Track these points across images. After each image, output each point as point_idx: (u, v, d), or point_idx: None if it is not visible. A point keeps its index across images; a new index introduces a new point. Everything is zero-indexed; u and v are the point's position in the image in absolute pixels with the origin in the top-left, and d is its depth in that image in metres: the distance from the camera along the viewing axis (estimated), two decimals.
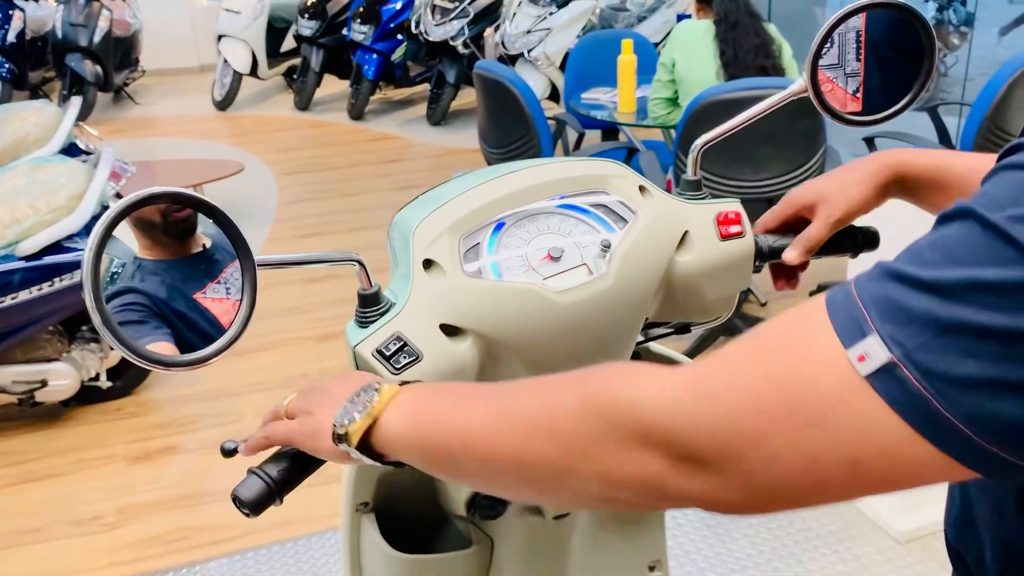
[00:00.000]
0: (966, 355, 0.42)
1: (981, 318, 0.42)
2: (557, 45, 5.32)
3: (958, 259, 0.44)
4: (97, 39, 6.59)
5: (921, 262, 0.45)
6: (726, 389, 0.49)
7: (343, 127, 6.60)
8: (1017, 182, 0.44)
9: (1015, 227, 0.42)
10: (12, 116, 3.17)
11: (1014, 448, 0.43)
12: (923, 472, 0.45)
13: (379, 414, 0.66)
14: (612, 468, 0.53)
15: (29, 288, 2.53)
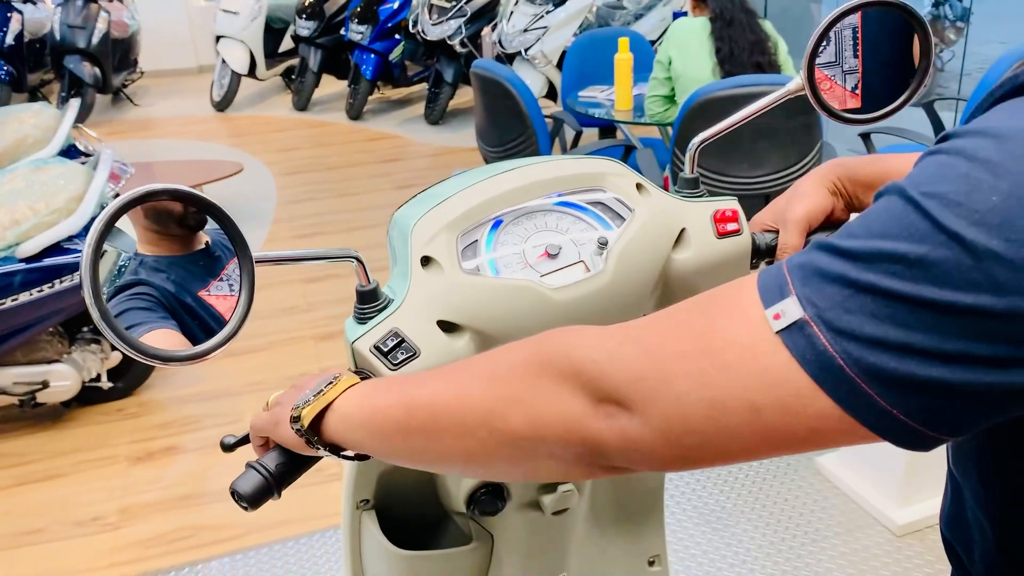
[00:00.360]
0: (873, 317, 0.45)
1: (891, 283, 0.44)
2: (554, 43, 5.32)
3: (876, 231, 0.46)
4: (95, 41, 6.59)
5: (847, 234, 0.48)
6: (649, 335, 0.52)
7: (342, 127, 6.61)
8: (936, 163, 0.47)
9: (928, 201, 0.45)
10: (11, 118, 3.18)
11: (915, 411, 0.45)
12: (824, 429, 0.47)
13: (333, 399, 0.68)
14: (540, 411, 0.55)
15: (29, 290, 2.53)
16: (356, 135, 6.39)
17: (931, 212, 0.45)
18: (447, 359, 0.80)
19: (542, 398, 0.55)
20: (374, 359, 0.78)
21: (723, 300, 0.51)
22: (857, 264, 0.46)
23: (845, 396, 0.45)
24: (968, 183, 0.44)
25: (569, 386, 0.54)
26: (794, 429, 0.47)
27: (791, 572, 2.11)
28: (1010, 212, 0.43)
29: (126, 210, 0.66)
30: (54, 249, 2.56)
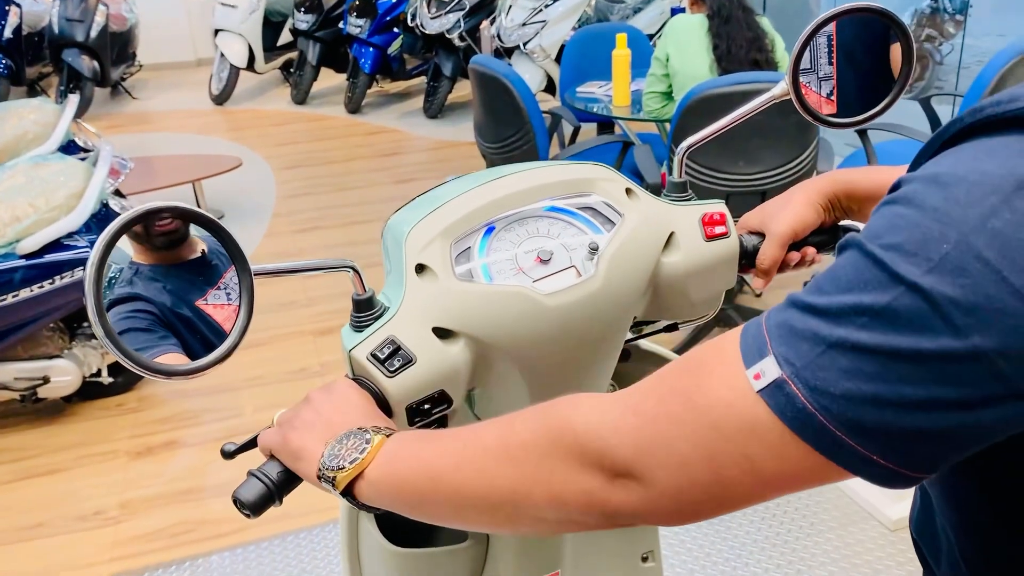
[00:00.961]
0: (846, 373, 0.47)
1: (860, 337, 0.47)
2: (553, 37, 5.33)
3: (842, 286, 0.49)
4: (94, 34, 6.59)
5: (817, 290, 0.50)
6: (646, 403, 0.55)
7: (340, 121, 6.61)
8: (890, 214, 0.49)
9: (886, 254, 0.47)
10: (11, 114, 3.18)
11: (896, 455, 0.48)
12: (813, 475, 0.50)
13: (367, 466, 0.69)
14: (560, 489, 0.58)
15: (30, 286, 2.55)
16: (355, 129, 6.39)
17: (889, 264, 0.47)
18: (443, 365, 0.82)
19: (560, 477, 0.58)
20: (371, 367, 0.80)
21: (709, 361, 0.54)
22: (827, 320, 0.48)
23: (828, 447, 0.48)
24: (920, 232, 0.47)
25: (582, 464, 0.57)
26: (786, 475, 0.50)
27: (785, 566, 2.13)
28: (961, 259, 0.45)
29: (127, 228, 0.67)
30: (54, 246, 2.57)
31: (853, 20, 0.90)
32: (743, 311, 3.11)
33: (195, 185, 4.49)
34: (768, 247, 0.94)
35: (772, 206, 0.96)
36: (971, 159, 0.48)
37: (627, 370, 1.12)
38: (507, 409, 0.93)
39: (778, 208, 0.95)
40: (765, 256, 0.94)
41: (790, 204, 0.94)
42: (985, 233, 0.45)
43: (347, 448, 0.70)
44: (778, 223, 0.93)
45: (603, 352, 0.92)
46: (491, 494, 0.62)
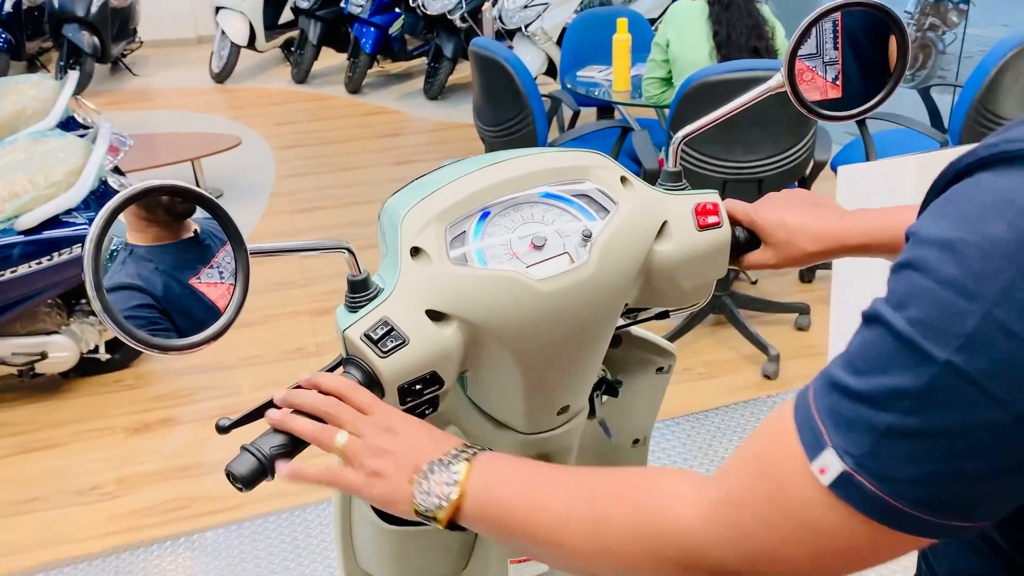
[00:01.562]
0: (906, 459, 0.49)
1: (909, 422, 0.49)
2: (554, 20, 5.31)
3: (878, 366, 0.51)
4: (94, 9, 6.56)
5: (854, 370, 0.52)
6: (741, 513, 0.58)
7: (340, 100, 6.60)
8: (907, 283, 0.51)
9: (914, 331, 0.49)
10: (10, 89, 3.18)
11: (967, 517, 0.51)
12: (899, 550, 0.54)
13: (462, 501, 0.70)
14: None
15: (28, 262, 2.56)
16: (355, 109, 6.38)
17: (919, 343, 0.48)
18: (435, 347, 0.83)
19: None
20: (364, 347, 0.81)
21: (776, 460, 0.56)
22: (873, 407, 0.50)
23: (908, 526, 0.51)
24: (941, 306, 0.48)
25: (683, 568, 0.62)
26: (879, 553, 0.54)
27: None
28: (989, 333, 0.46)
29: (125, 207, 0.68)
30: (53, 222, 2.58)
31: (850, 14, 0.90)
32: (738, 298, 3.13)
33: (194, 163, 4.49)
34: (761, 259, 0.98)
35: (784, 231, 0.96)
36: (978, 216, 0.48)
37: (618, 355, 1.13)
38: (499, 391, 0.95)
39: (784, 234, 0.96)
40: (753, 263, 0.99)
41: (792, 242, 0.95)
42: (1007, 306, 0.46)
43: (435, 484, 0.71)
44: (777, 254, 0.97)
45: (594, 337, 0.94)
46: (590, 569, 0.66)
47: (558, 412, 0.98)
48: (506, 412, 0.98)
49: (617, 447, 1.25)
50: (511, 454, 1.02)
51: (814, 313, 3.16)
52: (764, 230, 0.96)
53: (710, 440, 2.57)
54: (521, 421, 0.97)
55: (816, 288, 3.44)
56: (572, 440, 1.05)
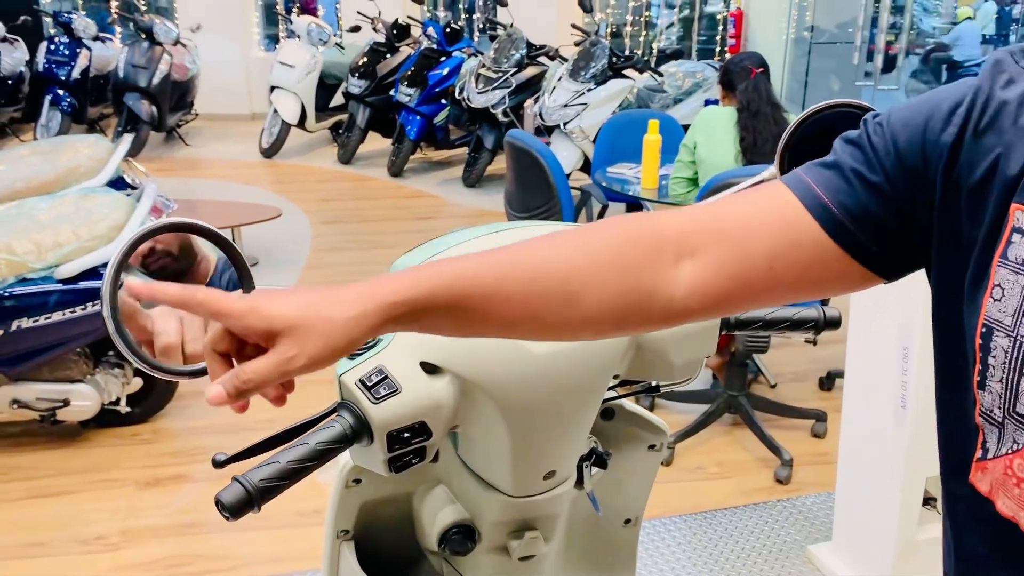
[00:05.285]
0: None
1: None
2: (593, 120, 5.48)
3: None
4: (156, 81, 6.89)
5: None
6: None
7: (382, 183, 6.79)
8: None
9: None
10: (67, 147, 3.35)
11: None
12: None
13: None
14: None
15: (63, 310, 2.65)
16: (395, 191, 6.56)
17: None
18: (427, 398, 0.87)
19: None
20: (358, 392, 0.85)
21: None
22: None
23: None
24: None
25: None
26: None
27: None
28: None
29: (148, 238, 0.75)
30: (91, 273, 2.67)
31: (841, 115, 0.96)
32: (755, 400, 3.12)
33: (234, 231, 4.63)
34: (315, 341, 0.67)
35: (316, 293, 0.72)
36: None
37: (610, 429, 1.16)
38: (487, 450, 0.98)
39: (335, 295, 0.69)
40: (299, 352, 0.67)
41: (363, 294, 0.73)
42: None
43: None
44: (335, 307, 0.71)
45: (583, 403, 0.97)
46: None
47: (545, 476, 1.01)
48: (494, 472, 1.00)
49: (608, 526, 1.26)
50: (497, 518, 1.05)
51: (831, 421, 3.14)
52: (270, 314, 0.65)
53: (716, 540, 2.54)
54: (508, 483, 1.00)
55: (834, 396, 3.42)
56: (559, 507, 1.07)
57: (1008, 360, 0.60)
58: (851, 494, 2.32)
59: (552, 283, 0.70)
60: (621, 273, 0.71)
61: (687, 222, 0.73)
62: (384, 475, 0.87)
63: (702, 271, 0.71)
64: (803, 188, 0.70)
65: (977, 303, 0.63)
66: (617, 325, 0.73)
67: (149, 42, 6.97)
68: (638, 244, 0.71)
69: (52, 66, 6.88)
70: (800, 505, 2.71)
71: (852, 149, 0.70)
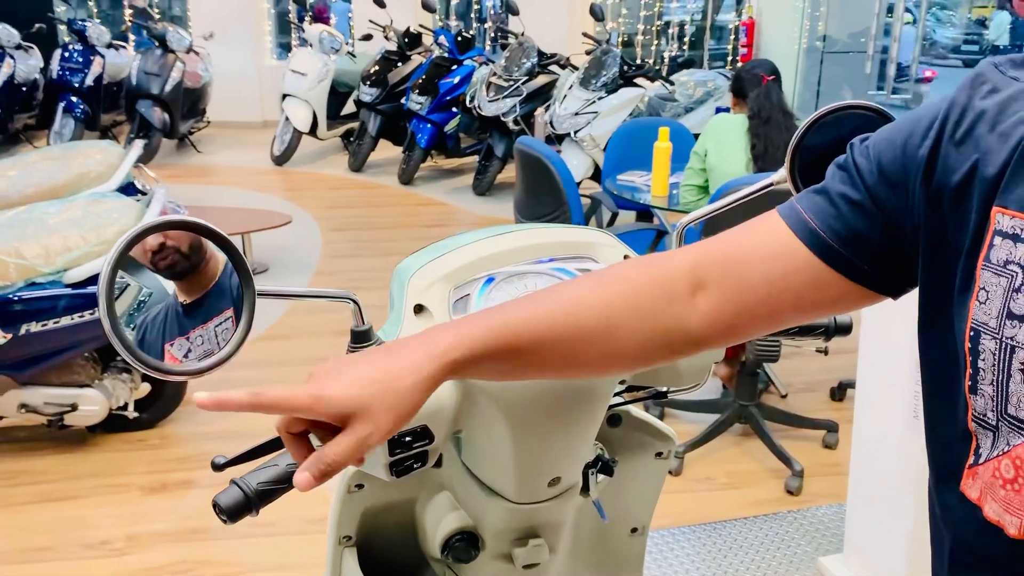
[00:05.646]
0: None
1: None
2: (603, 128, 5.47)
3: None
4: (168, 88, 6.93)
5: None
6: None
7: (392, 190, 6.80)
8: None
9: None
10: (79, 152, 3.36)
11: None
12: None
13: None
14: None
15: (71, 314, 2.65)
16: (405, 199, 6.56)
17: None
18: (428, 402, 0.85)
19: None
20: None
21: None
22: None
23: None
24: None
25: None
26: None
27: None
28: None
29: (143, 236, 0.74)
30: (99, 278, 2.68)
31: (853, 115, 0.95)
32: (766, 410, 3.10)
33: (244, 237, 4.64)
34: (389, 412, 0.69)
35: (374, 364, 0.72)
36: None
37: (616, 436, 1.14)
38: (491, 456, 0.97)
39: (397, 365, 0.71)
40: (378, 428, 0.69)
41: (420, 361, 0.74)
42: None
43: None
44: (403, 377, 0.74)
45: (587, 407, 0.95)
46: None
47: (549, 483, 0.99)
48: (497, 478, 0.99)
49: (614, 534, 1.24)
50: (501, 525, 1.03)
51: (842, 432, 3.11)
52: (337, 399, 0.67)
53: (725, 551, 2.51)
54: (512, 489, 0.98)
55: (846, 407, 3.38)
56: (563, 515, 1.05)
57: (996, 363, 0.62)
58: (863, 505, 2.29)
59: (588, 326, 0.75)
60: (647, 311, 0.76)
61: (696, 256, 0.78)
62: (386, 480, 0.86)
63: (711, 302, 0.76)
64: (794, 217, 0.74)
65: (965, 308, 0.64)
66: (646, 360, 0.79)
67: (162, 50, 7.01)
68: (657, 283, 0.77)
69: (66, 73, 6.92)
70: (811, 516, 2.68)
71: (840, 174, 0.73)
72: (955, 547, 0.70)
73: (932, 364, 0.71)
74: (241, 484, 0.80)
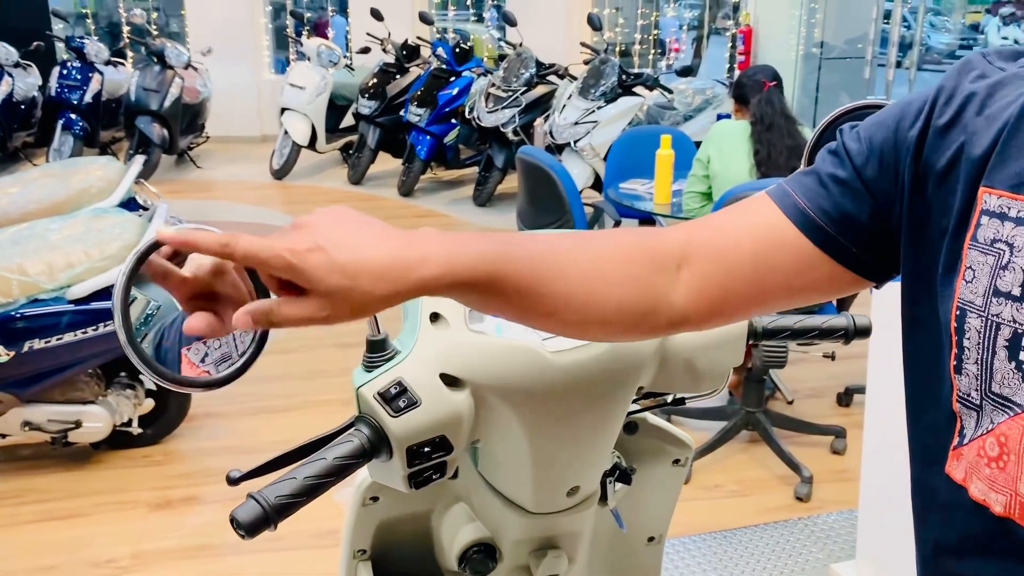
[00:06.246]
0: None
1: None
2: (603, 137, 5.47)
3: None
4: (167, 104, 6.93)
5: None
6: None
7: (392, 202, 6.79)
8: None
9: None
10: (79, 169, 3.35)
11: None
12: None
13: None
14: None
15: (75, 331, 2.63)
16: (405, 211, 6.56)
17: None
18: (447, 411, 0.84)
19: None
20: (377, 406, 0.83)
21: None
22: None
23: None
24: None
25: None
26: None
27: None
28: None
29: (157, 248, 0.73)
30: (103, 294, 2.66)
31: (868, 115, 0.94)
32: (773, 416, 3.08)
33: None
34: (341, 306, 0.67)
35: (360, 247, 0.69)
36: None
37: (633, 443, 1.13)
38: (509, 465, 0.95)
39: (376, 260, 0.68)
40: (329, 313, 0.67)
41: (400, 267, 0.69)
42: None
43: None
44: (372, 281, 0.69)
45: (605, 416, 0.94)
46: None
47: (568, 493, 0.98)
48: (515, 488, 0.98)
49: (631, 544, 1.22)
50: (519, 536, 1.02)
51: (850, 438, 3.09)
52: (310, 276, 0.65)
53: (736, 559, 2.49)
54: (530, 499, 0.97)
55: (853, 412, 3.37)
56: (582, 525, 1.04)
57: (982, 340, 0.62)
58: (875, 511, 2.28)
59: (575, 277, 0.72)
60: (634, 276, 0.74)
61: (684, 233, 0.77)
62: (404, 491, 0.85)
63: (694, 279, 0.75)
64: (784, 198, 0.74)
65: (951, 288, 0.65)
66: (623, 328, 0.76)
67: (161, 66, 7.01)
68: (648, 251, 0.75)
69: (64, 90, 6.93)
70: (822, 523, 2.66)
71: (830, 157, 0.74)
72: (940, 531, 0.70)
73: (916, 348, 0.71)
74: (259, 498, 0.78)
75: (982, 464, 0.63)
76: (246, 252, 0.65)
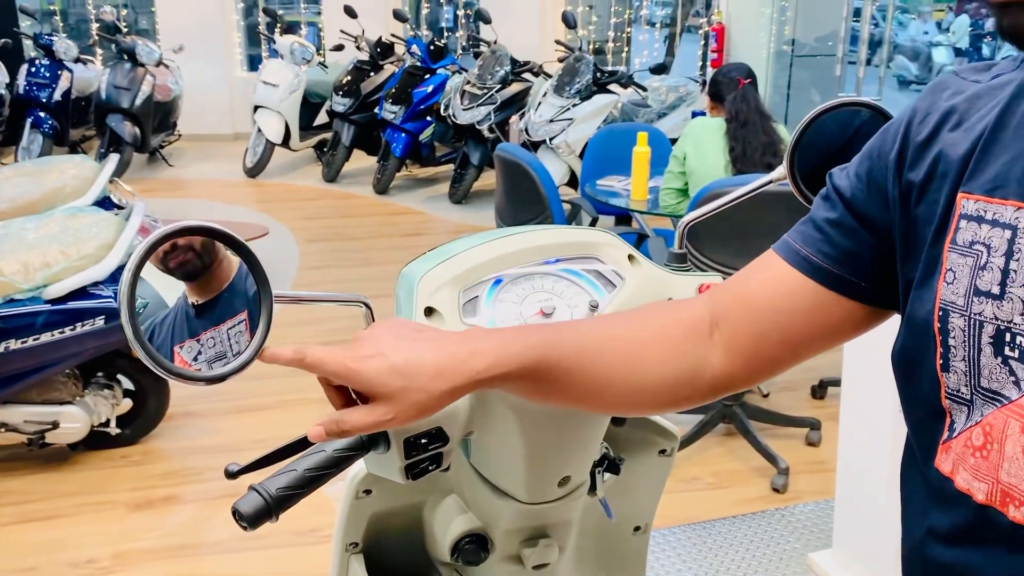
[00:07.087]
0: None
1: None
2: (578, 135, 5.50)
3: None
4: (138, 102, 6.86)
5: None
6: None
7: (368, 200, 6.78)
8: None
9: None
10: (53, 168, 3.32)
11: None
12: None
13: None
14: None
15: (51, 331, 2.61)
16: (381, 208, 6.55)
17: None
18: None
19: None
20: None
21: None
22: None
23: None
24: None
25: None
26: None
27: None
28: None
29: (165, 241, 0.74)
30: (80, 293, 2.65)
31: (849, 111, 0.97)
32: (749, 409, 3.12)
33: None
34: (409, 406, 0.74)
35: (416, 352, 0.77)
36: None
37: (621, 434, 1.15)
38: (502, 457, 0.97)
39: (432, 360, 0.75)
40: (396, 415, 0.75)
41: (456, 365, 0.77)
42: None
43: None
44: (431, 379, 0.77)
45: None
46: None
47: (559, 483, 1.00)
48: (507, 479, 0.99)
49: (618, 533, 1.25)
50: (510, 526, 1.04)
51: (825, 429, 3.14)
52: (372, 381, 0.71)
53: (715, 551, 2.53)
54: (522, 489, 0.99)
55: (827, 404, 3.42)
56: (572, 514, 1.06)
57: (966, 339, 0.65)
58: (851, 500, 2.32)
59: (619, 358, 0.78)
60: (675, 350, 0.80)
61: (707, 299, 0.83)
62: (401, 483, 0.86)
63: (726, 339, 0.80)
64: (787, 250, 0.78)
65: (932, 290, 0.68)
66: (670, 400, 0.81)
67: (131, 63, 6.94)
68: (683, 323, 0.81)
69: (33, 88, 6.83)
70: (798, 513, 2.71)
71: (823, 203, 0.78)
72: (926, 522, 0.71)
73: (901, 349, 0.74)
74: (260, 490, 0.80)
75: (968, 454, 0.65)
76: (313, 361, 0.73)
